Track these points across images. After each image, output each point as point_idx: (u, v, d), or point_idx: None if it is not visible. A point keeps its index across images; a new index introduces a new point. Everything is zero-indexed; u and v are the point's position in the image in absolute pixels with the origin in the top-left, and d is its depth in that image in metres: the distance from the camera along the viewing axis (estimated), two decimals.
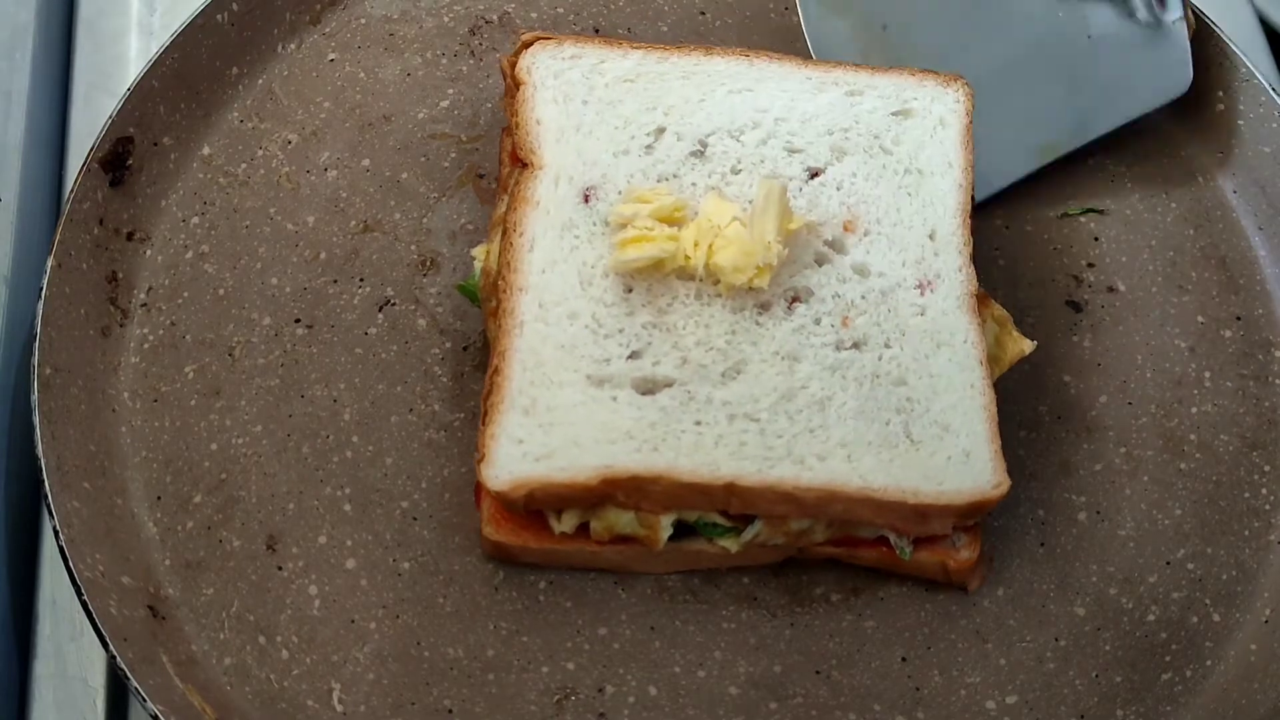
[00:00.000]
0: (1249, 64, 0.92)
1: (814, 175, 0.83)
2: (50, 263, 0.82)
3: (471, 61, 0.95)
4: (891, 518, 0.75)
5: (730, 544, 0.77)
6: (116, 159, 0.87)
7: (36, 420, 0.78)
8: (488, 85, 0.94)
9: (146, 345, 0.84)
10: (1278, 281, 0.89)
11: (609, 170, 0.81)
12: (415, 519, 0.80)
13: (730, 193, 0.81)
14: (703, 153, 0.83)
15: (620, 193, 0.81)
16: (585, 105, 0.83)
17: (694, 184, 0.82)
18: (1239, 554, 0.81)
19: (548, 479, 0.73)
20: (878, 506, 0.74)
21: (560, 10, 0.97)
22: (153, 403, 0.83)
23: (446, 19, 0.96)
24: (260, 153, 0.90)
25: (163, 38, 0.90)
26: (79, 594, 0.74)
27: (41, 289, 0.82)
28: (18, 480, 0.84)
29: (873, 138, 0.84)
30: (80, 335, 0.83)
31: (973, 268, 0.81)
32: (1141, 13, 0.85)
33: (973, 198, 0.83)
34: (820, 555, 0.79)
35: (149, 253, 0.87)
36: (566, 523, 0.76)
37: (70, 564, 0.75)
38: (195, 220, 0.88)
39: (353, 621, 0.77)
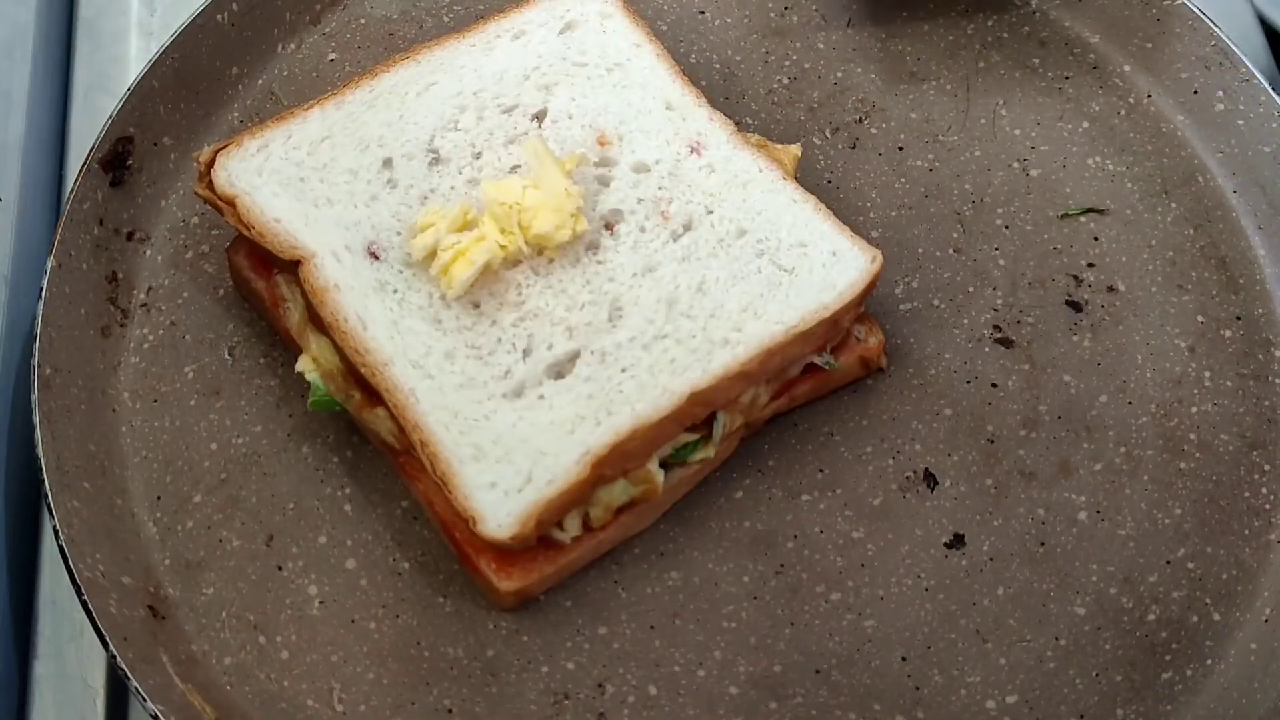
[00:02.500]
0: (1249, 64, 0.92)
1: (540, 119, 0.85)
2: (50, 263, 0.82)
3: None
4: (817, 341, 0.80)
5: (708, 451, 0.79)
6: (116, 159, 0.87)
7: (36, 420, 0.78)
8: None
9: (146, 345, 0.84)
10: (1278, 281, 0.89)
11: (373, 220, 0.81)
12: (415, 519, 0.80)
13: (486, 176, 0.82)
14: (439, 158, 0.83)
15: (399, 234, 0.80)
16: (305, 181, 0.81)
17: (452, 187, 0.82)
18: (1239, 553, 0.81)
19: (544, 498, 0.73)
20: (805, 338, 0.79)
21: None
22: (153, 403, 0.83)
23: (446, 19, 0.96)
24: None
25: (163, 38, 0.90)
26: (79, 594, 0.74)
27: (41, 289, 0.82)
28: (18, 480, 0.84)
29: (561, 60, 0.86)
30: (80, 335, 0.83)
31: (719, 112, 0.85)
32: None
33: None
34: (764, 418, 0.82)
35: (149, 253, 0.87)
36: (571, 527, 0.76)
37: (70, 564, 0.75)
38: (195, 220, 0.88)
39: (353, 621, 0.77)
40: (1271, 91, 0.91)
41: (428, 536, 0.80)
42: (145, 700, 0.72)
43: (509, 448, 0.75)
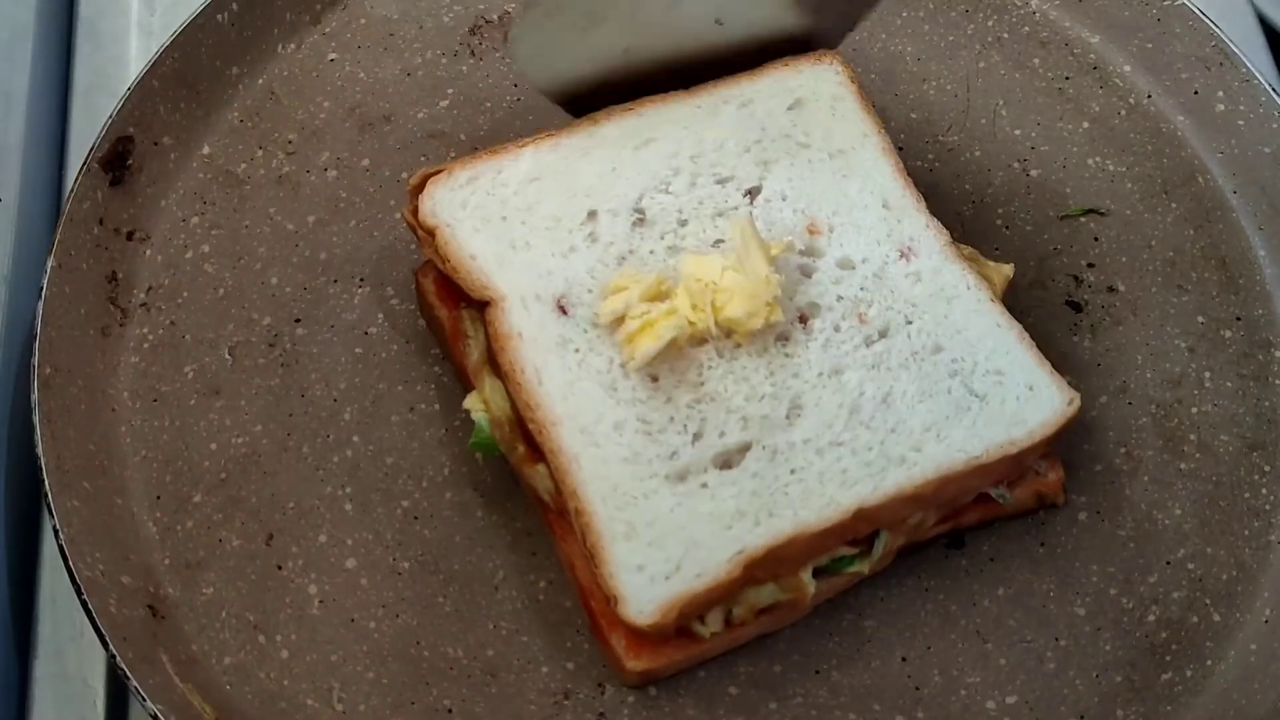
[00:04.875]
0: (1249, 64, 0.92)
1: (753, 195, 0.81)
2: (50, 263, 0.82)
3: (471, 61, 0.95)
4: (997, 475, 0.77)
5: (862, 567, 0.76)
6: (116, 159, 0.87)
7: (36, 420, 0.78)
8: (487, 85, 0.94)
9: (146, 345, 0.84)
10: (1278, 281, 0.89)
11: (567, 273, 0.78)
12: (415, 519, 0.80)
13: (688, 245, 0.79)
14: (643, 219, 0.80)
15: (591, 291, 0.78)
16: (506, 221, 0.79)
17: (651, 251, 0.79)
18: (1239, 554, 0.81)
19: (690, 591, 0.71)
20: (985, 471, 0.75)
21: None
22: (153, 403, 0.83)
23: (446, 19, 0.96)
24: (260, 153, 0.90)
25: (163, 38, 0.90)
26: (79, 594, 0.74)
27: (41, 289, 0.82)
28: (18, 480, 0.84)
29: (785, 138, 0.83)
30: (80, 335, 0.83)
31: (936, 220, 0.82)
32: None
33: None
34: (928, 536, 0.79)
35: (149, 253, 0.87)
36: (713, 622, 0.74)
37: (70, 564, 0.75)
38: (195, 220, 0.88)
39: (353, 621, 0.77)
40: (1271, 91, 0.91)
41: (428, 536, 0.80)
42: (145, 700, 0.72)
43: (662, 532, 0.72)
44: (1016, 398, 0.77)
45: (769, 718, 0.76)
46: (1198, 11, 0.94)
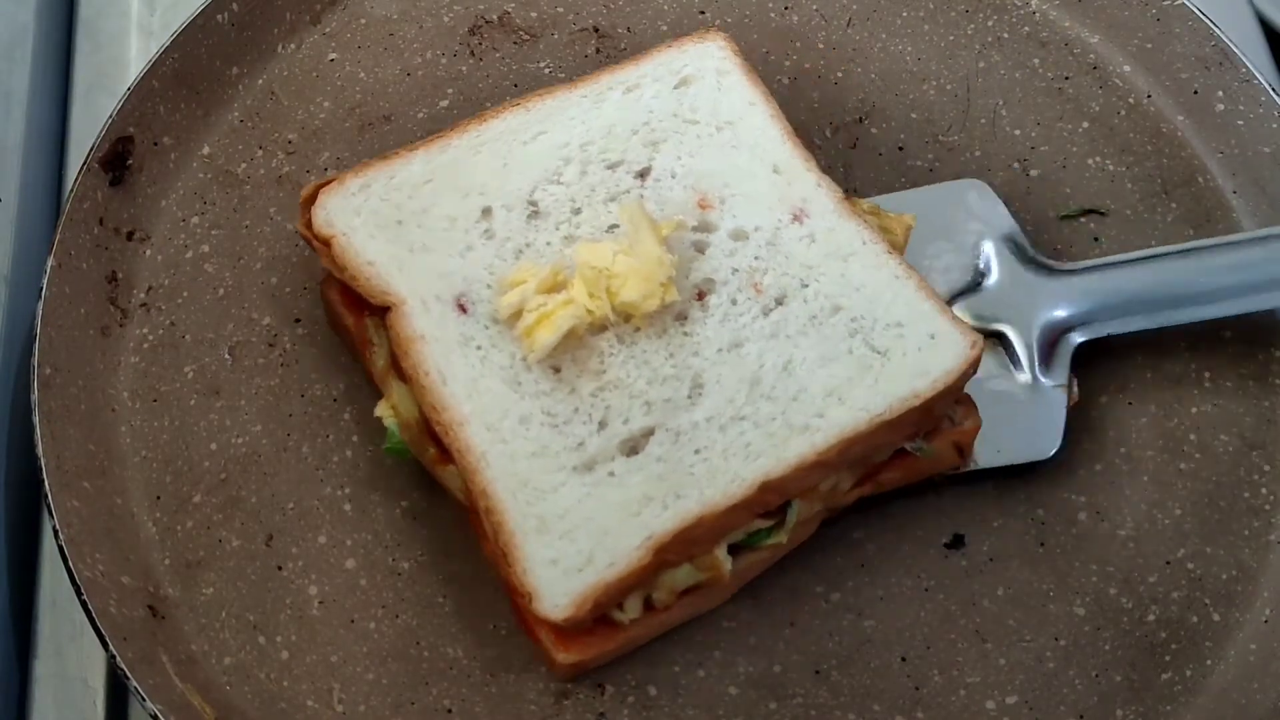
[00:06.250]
0: (1249, 64, 0.92)
1: (643, 176, 0.82)
2: (50, 263, 0.82)
3: (471, 61, 0.95)
4: (906, 429, 0.77)
5: (779, 538, 0.76)
6: (116, 159, 0.87)
7: (36, 420, 0.78)
8: (487, 85, 0.94)
9: (146, 345, 0.84)
10: None
11: (465, 272, 0.78)
12: (415, 519, 0.80)
13: (583, 234, 0.80)
14: (537, 211, 0.80)
15: (490, 287, 0.78)
16: (402, 225, 0.79)
17: (548, 243, 0.79)
18: (1239, 554, 0.81)
19: (602, 581, 0.71)
20: (892, 426, 0.75)
21: (560, 10, 0.97)
22: (153, 403, 0.83)
23: (446, 19, 0.96)
24: (260, 153, 0.90)
25: (163, 38, 0.90)
26: (79, 594, 0.74)
27: (41, 289, 0.82)
28: (18, 480, 0.84)
29: (672, 117, 0.84)
30: (80, 335, 0.83)
31: (828, 178, 0.82)
32: (1024, 372, 0.83)
33: None
34: (848, 502, 0.79)
35: (149, 252, 0.87)
36: (631, 609, 0.74)
37: (70, 564, 0.75)
38: (195, 220, 0.88)
39: (353, 621, 0.77)
40: (1271, 91, 0.91)
41: (428, 536, 0.80)
42: (145, 700, 0.72)
43: (573, 524, 0.72)
44: (919, 348, 0.77)
45: (769, 718, 0.76)
46: (1197, 11, 0.94)
